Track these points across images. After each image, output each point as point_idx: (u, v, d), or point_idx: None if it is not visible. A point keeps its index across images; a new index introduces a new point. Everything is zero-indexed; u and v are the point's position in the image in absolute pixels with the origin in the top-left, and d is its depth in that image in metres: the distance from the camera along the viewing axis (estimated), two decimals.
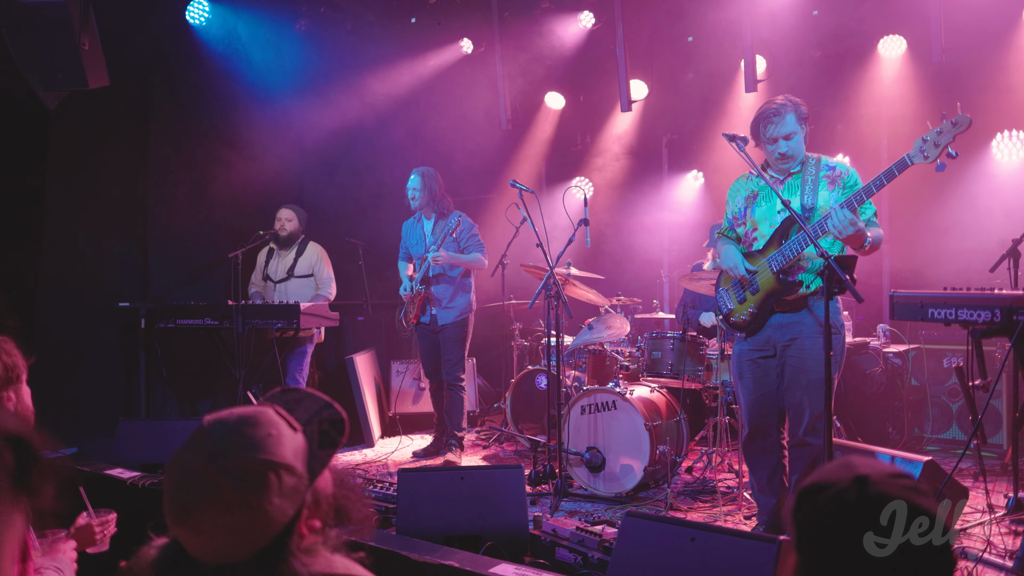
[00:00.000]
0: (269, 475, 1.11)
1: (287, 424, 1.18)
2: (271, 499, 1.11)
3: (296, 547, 1.15)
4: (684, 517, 3.80)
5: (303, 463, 1.16)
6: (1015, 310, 2.47)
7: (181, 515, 1.11)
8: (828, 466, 1.06)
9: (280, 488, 1.12)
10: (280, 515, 1.12)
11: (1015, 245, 3.82)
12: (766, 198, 3.35)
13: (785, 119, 3.21)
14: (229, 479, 1.09)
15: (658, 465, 4.16)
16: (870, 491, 0.99)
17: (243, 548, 1.11)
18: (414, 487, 3.32)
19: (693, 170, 7.02)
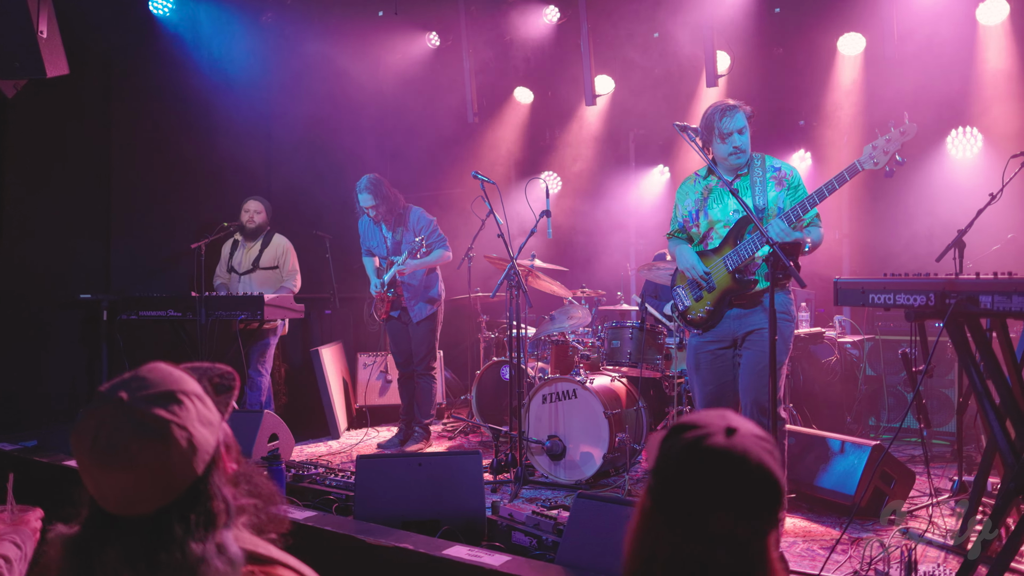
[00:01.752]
0: (184, 400, 1.15)
1: (180, 370, 1.23)
2: (193, 422, 1.14)
3: (222, 491, 1.18)
4: None
5: (210, 399, 1.22)
6: (947, 294, 2.55)
7: (106, 456, 1.10)
8: (708, 412, 1.14)
9: (198, 413, 1.16)
10: (204, 442, 1.15)
11: (960, 235, 3.93)
12: (717, 198, 3.43)
13: (739, 115, 3.34)
14: (149, 405, 1.12)
15: (618, 453, 4.22)
16: (735, 441, 1.07)
17: (171, 482, 1.12)
18: (372, 473, 3.35)
19: (659, 164, 7.11)
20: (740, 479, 1.05)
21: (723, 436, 1.07)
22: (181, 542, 1.11)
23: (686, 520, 1.06)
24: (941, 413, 5.20)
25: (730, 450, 1.06)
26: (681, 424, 1.11)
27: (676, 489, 1.07)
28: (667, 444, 1.10)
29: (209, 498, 1.16)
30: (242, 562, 1.15)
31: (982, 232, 4.27)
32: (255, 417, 4.31)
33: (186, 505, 1.14)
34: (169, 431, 1.12)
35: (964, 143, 5.83)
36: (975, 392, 2.78)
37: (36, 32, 4.40)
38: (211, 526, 1.15)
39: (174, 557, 1.10)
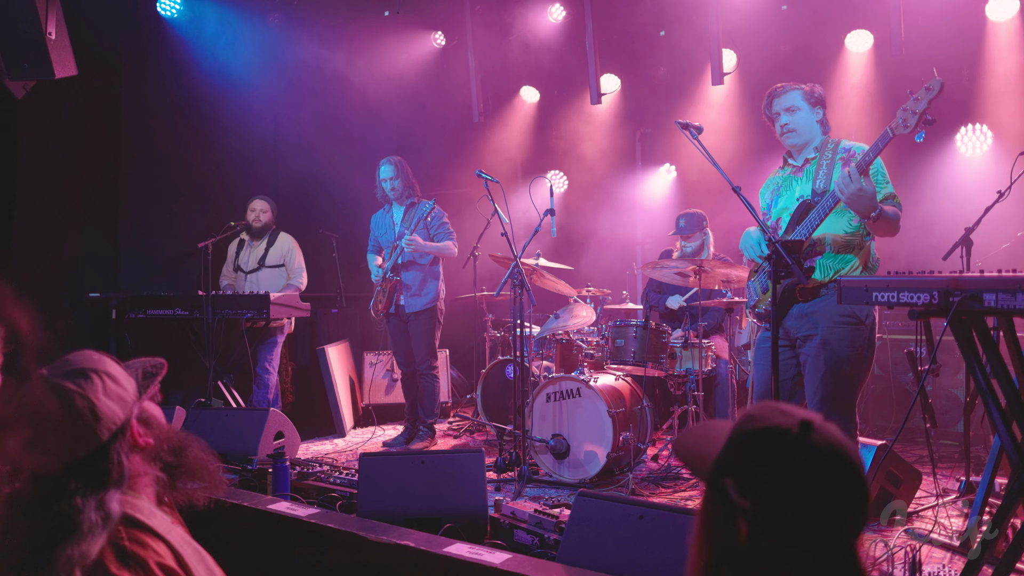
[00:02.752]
0: (93, 376, 1.36)
1: (110, 358, 1.44)
2: (98, 395, 1.35)
3: (122, 458, 1.36)
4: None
5: (128, 382, 1.42)
6: (951, 292, 2.52)
7: (21, 418, 1.31)
8: (759, 409, 1.04)
9: (105, 388, 1.36)
10: (110, 413, 1.35)
11: (967, 233, 3.90)
12: (787, 187, 3.33)
13: (788, 93, 3.22)
14: (61, 379, 1.34)
15: (622, 452, 4.21)
16: (815, 436, 0.98)
17: (72, 444, 1.32)
18: (375, 471, 3.36)
19: (666, 163, 7.08)
20: (840, 477, 0.96)
21: (809, 432, 0.98)
22: (71, 495, 1.29)
23: (782, 527, 0.96)
24: (949, 413, 5.16)
25: (838, 446, 0.97)
26: (759, 430, 1.01)
27: (790, 507, 0.96)
28: (759, 454, 1.00)
29: (106, 461, 1.35)
30: (116, 520, 1.30)
31: (991, 230, 4.23)
32: (261, 415, 4.33)
33: (85, 466, 1.33)
34: (71, 399, 1.33)
35: (973, 140, 5.78)
36: (980, 392, 2.74)
37: (45, 33, 4.45)
38: (100, 486, 1.32)
39: (62, 507, 1.28)
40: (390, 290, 5.13)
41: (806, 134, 3.24)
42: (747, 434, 1.01)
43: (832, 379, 3.07)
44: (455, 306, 6.61)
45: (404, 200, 5.19)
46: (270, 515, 3.14)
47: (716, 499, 1.02)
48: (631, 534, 2.63)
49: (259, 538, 3.16)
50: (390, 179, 5.13)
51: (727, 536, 1.00)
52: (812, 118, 3.24)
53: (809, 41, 6.04)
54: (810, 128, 3.24)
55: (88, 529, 1.26)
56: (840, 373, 3.07)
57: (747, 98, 6.27)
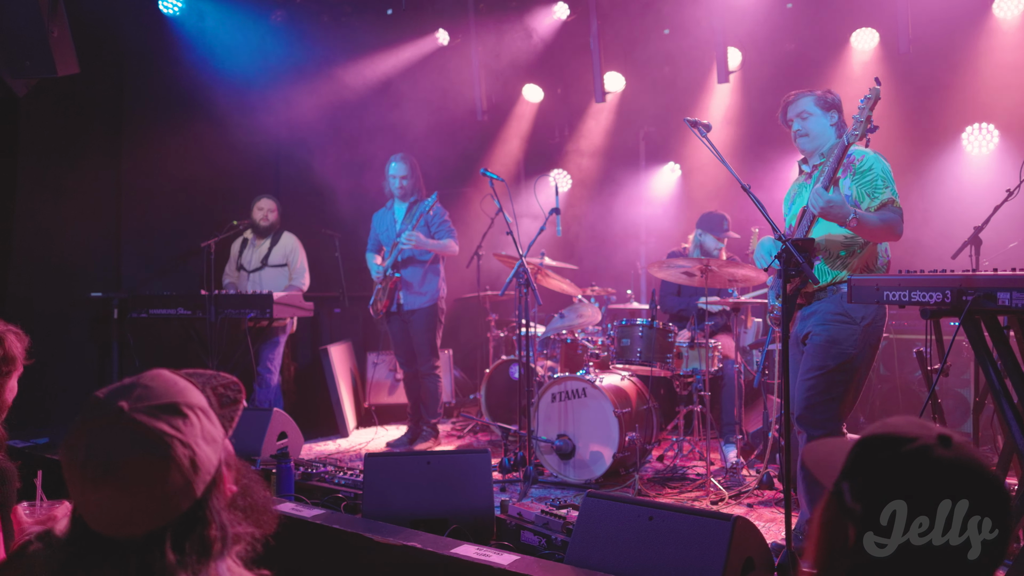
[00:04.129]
0: (189, 415, 1.07)
1: (184, 379, 1.13)
2: (197, 439, 1.06)
3: (222, 516, 1.09)
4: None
5: (213, 415, 1.12)
6: (964, 291, 2.50)
7: (101, 472, 1.00)
8: (894, 420, 1.02)
9: (202, 429, 1.07)
10: (206, 461, 1.07)
11: (976, 232, 3.87)
12: (799, 194, 3.35)
13: (800, 100, 3.24)
14: (152, 418, 1.03)
15: (627, 452, 4.19)
16: (956, 451, 0.96)
17: (168, 505, 1.04)
18: (381, 472, 3.33)
19: (670, 162, 7.05)
20: (983, 493, 0.94)
21: (946, 447, 0.95)
22: (171, 571, 1.03)
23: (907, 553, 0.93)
24: (957, 413, 5.13)
25: (967, 460, 0.94)
26: (882, 436, 0.99)
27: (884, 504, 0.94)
28: (874, 459, 0.98)
29: (206, 524, 1.07)
30: None
31: (999, 229, 4.20)
32: (264, 415, 4.30)
33: (181, 530, 1.05)
34: (172, 448, 1.02)
35: (980, 139, 5.75)
36: (992, 391, 2.72)
37: (47, 31, 4.43)
38: (205, 555, 1.06)
39: None
40: (391, 288, 5.09)
41: (818, 139, 3.24)
42: (870, 439, 1.01)
43: (818, 374, 3.08)
44: (459, 306, 6.58)
45: (408, 198, 5.17)
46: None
47: (832, 501, 1.02)
48: (641, 535, 2.61)
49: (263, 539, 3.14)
50: (400, 176, 5.11)
51: (836, 539, 1.00)
52: (825, 122, 3.23)
53: (814, 39, 6.01)
54: (823, 132, 3.24)
55: None
56: (826, 367, 3.07)
57: (753, 96, 6.24)
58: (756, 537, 2.57)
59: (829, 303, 3.13)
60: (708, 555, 2.42)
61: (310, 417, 5.50)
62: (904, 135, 5.62)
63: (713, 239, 4.94)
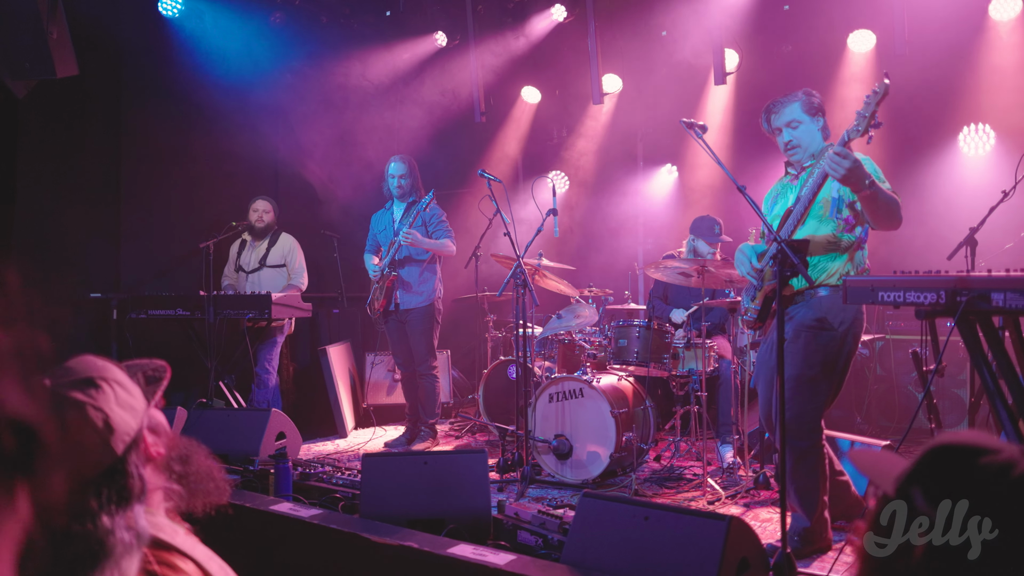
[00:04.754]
0: (103, 385, 1.23)
1: (114, 364, 1.30)
2: (111, 405, 1.22)
3: (140, 471, 1.25)
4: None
5: (135, 388, 1.29)
6: (958, 291, 2.51)
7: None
8: (964, 433, 0.98)
9: (117, 397, 1.24)
10: (123, 424, 1.23)
11: (972, 233, 3.89)
12: (783, 194, 3.33)
13: (785, 109, 3.20)
14: (68, 389, 1.20)
15: (624, 452, 4.20)
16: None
17: (87, 461, 1.19)
18: (378, 472, 3.34)
19: (667, 164, 7.07)
20: None
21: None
22: (94, 515, 1.18)
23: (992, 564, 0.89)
24: (953, 413, 5.15)
25: None
26: (963, 445, 0.95)
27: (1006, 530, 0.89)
28: (957, 468, 0.94)
29: (125, 476, 1.23)
30: (147, 539, 1.22)
31: (995, 230, 4.22)
32: (263, 415, 4.32)
33: (102, 482, 1.21)
34: (84, 411, 1.20)
35: (976, 140, 5.77)
36: (987, 392, 2.73)
37: (46, 33, 4.44)
38: (123, 502, 1.22)
39: (86, 528, 1.17)
40: (388, 287, 5.11)
41: (810, 147, 3.22)
42: (952, 446, 0.96)
43: (796, 382, 3.07)
44: (457, 306, 6.60)
45: (406, 199, 5.19)
46: (272, 516, 3.13)
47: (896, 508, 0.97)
48: (637, 535, 2.62)
49: (262, 539, 3.15)
50: (399, 176, 5.13)
51: (904, 552, 0.95)
52: (814, 128, 3.21)
53: (811, 41, 6.03)
54: (812, 139, 3.22)
55: (123, 550, 1.18)
56: (805, 376, 3.08)
57: (749, 98, 6.26)
58: (751, 537, 2.58)
59: (807, 309, 3.11)
60: (703, 555, 2.44)
61: (309, 417, 5.51)
62: (901, 136, 5.65)
63: (706, 245, 4.93)
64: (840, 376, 3.15)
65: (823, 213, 3.15)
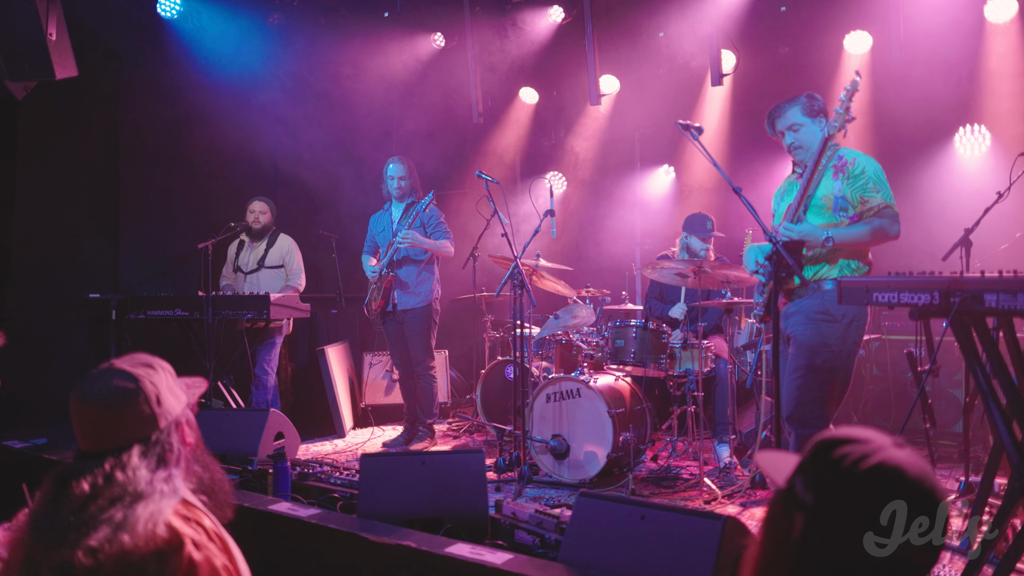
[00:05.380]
0: (159, 370, 1.53)
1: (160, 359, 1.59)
2: (162, 386, 1.50)
3: (177, 446, 1.51)
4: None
5: (181, 385, 1.58)
6: (952, 292, 2.53)
7: (88, 396, 1.46)
8: (854, 427, 1.08)
9: (167, 382, 1.52)
10: (169, 404, 1.50)
11: (967, 234, 3.91)
12: (788, 192, 3.41)
13: (787, 113, 3.30)
14: (130, 366, 1.50)
15: (621, 452, 4.22)
16: (909, 459, 1.01)
17: (137, 425, 1.45)
18: (376, 472, 3.35)
19: (664, 164, 7.09)
20: (924, 498, 0.99)
21: (896, 451, 1.00)
22: (136, 467, 1.41)
23: (854, 542, 0.99)
24: (948, 413, 5.17)
25: (910, 467, 1.00)
26: (836, 438, 1.05)
27: (848, 510, 0.99)
28: (824, 458, 1.03)
29: (166, 447, 1.48)
30: (179, 496, 1.44)
31: (990, 231, 4.24)
32: (261, 415, 4.33)
33: (146, 446, 1.45)
34: (142, 384, 1.47)
35: (972, 141, 5.79)
36: (981, 392, 2.75)
37: (45, 34, 4.45)
38: (163, 464, 1.46)
39: (127, 476, 1.39)
40: (386, 287, 5.12)
41: (812, 147, 3.29)
42: (830, 439, 1.06)
43: (804, 371, 3.14)
44: (455, 307, 6.61)
45: (405, 199, 5.21)
46: (271, 515, 3.14)
47: (784, 495, 1.07)
48: (633, 534, 2.63)
49: (260, 539, 3.16)
50: (398, 177, 5.15)
51: (784, 530, 1.05)
52: (816, 129, 3.30)
53: (808, 42, 6.05)
54: (815, 140, 3.29)
55: (159, 496, 1.39)
56: (812, 366, 3.14)
57: (746, 100, 6.28)
58: (747, 536, 2.60)
59: (811, 300, 3.19)
60: (699, 554, 2.45)
61: (307, 418, 5.52)
62: (897, 137, 5.67)
63: (698, 240, 4.99)
64: (845, 368, 3.19)
65: (826, 210, 3.21)
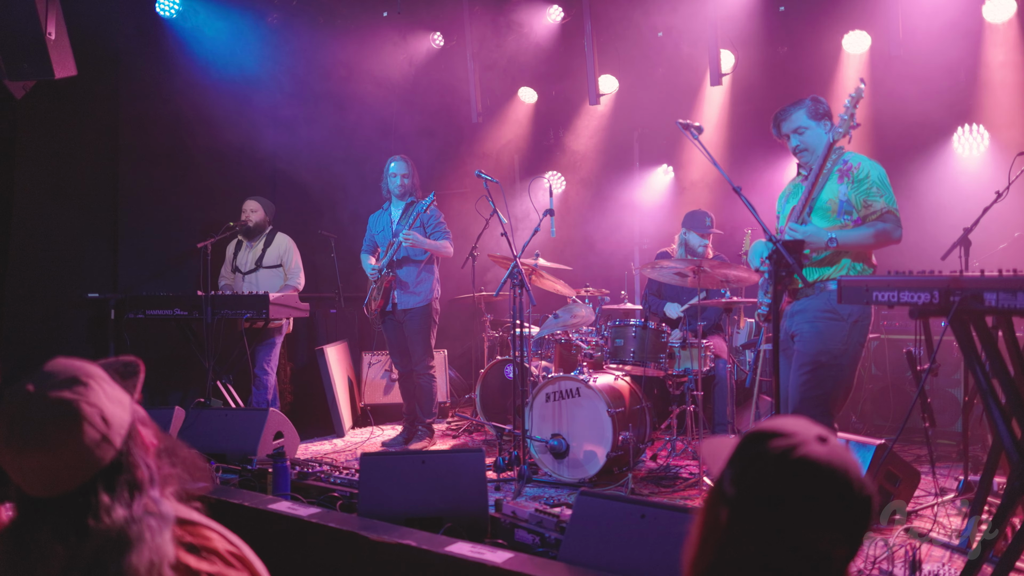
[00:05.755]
0: (90, 383, 1.22)
1: (90, 364, 1.29)
2: (102, 400, 1.22)
3: (143, 460, 1.25)
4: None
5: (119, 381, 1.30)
6: (952, 291, 2.54)
7: (23, 441, 1.16)
8: (787, 419, 1.09)
9: (104, 392, 1.23)
10: (117, 417, 1.23)
11: (966, 234, 3.92)
12: (794, 194, 3.42)
13: (792, 116, 3.31)
14: (56, 390, 1.19)
15: (621, 451, 4.22)
16: (832, 451, 1.03)
17: (90, 457, 1.18)
18: (376, 471, 3.36)
19: (664, 164, 7.10)
20: (842, 493, 1.01)
21: (818, 445, 1.02)
22: (108, 508, 1.17)
23: (774, 536, 1.01)
24: (947, 413, 5.17)
25: (829, 461, 1.01)
26: (763, 431, 1.07)
27: (766, 502, 1.01)
28: (751, 452, 1.06)
29: (132, 467, 1.23)
30: (172, 519, 1.21)
31: (989, 230, 4.25)
32: (260, 415, 4.33)
33: (110, 476, 1.20)
34: (79, 409, 1.18)
35: (971, 141, 5.80)
36: (980, 391, 2.76)
37: (44, 34, 4.45)
38: (137, 490, 1.22)
39: (103, 522, 1.15)
40: (386, 287, 5.12)
41: (818, 149, 3.30)
42: (752, 434, 1.09)
43: (810, 369, 3.15)
44: (454, 306, 6.61)
45: (406, 198, 5.22)
46: (271, 515, 3.14)
47: (715, 488, 1.10)
48: (633, 533, 2.64)
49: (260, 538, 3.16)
50: (400, 175, 5.16)
51: (712, 523, 1.08)
52: (821, 131, 3.31)
53: (807, 42, 6.06)
54: (820, 143, 3.30)
55: (151, 534, 1.17)
56: (817, 364, 3.15)
57: (745, 99, 6.29)
58: None
59: (817, 300, 3.21)
60: None
61: (306, 417, 5.52)
62: (896, 137, 5.67)
63: (697, 236, 5.03)
64: (849, 368, 3.20)
65: (830, 213, 3.24)
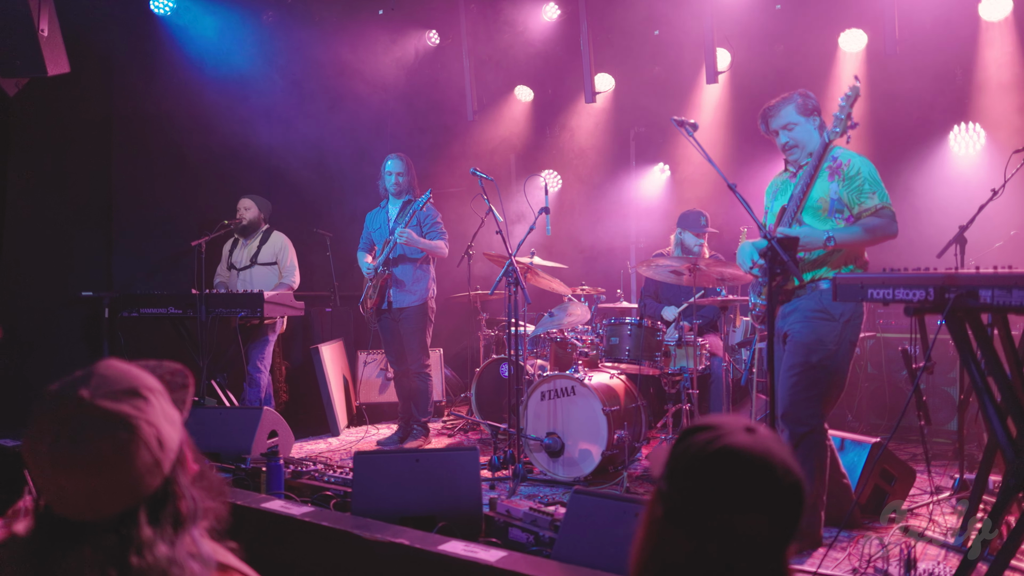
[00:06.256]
0: (149, 397, 1.10)
1: (145, 371, 1.17)
2: (159, 419, 1.09)
3: (188, 489, 1.13)
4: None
5: (168, 394, 1.17)
6: (947, 288, 2.53)
7: (70, 458, 1.04)
8: (723, 415, 1.12)
9: (162, 409, 1.11)
10: (170, 439, 1.11)
11: (961, 231, 3.91)
12: (782, 191, 3.39)
13: (781, 112, 3.28)
14: (115, 401, 1.06)
15: (616, 450, 4.21)
16: (756, 440, 1.04)
17: (140, 482, 1.07)
18: (370, 469, 3.34)
19: (660, 162, 7.09)
20: (763, 479, 1.02)
21: (743, 435, 1.03)
22: (151, 543, 1.06)
23: (703, 526, 1.02)
24: (943, 411, 5.18)
25: (751, 449, 1.02)
26: (693, 427, 1.09)
27: (692, 493, 1.03)
28: (680, 447, 1.07)
29: (177, 498, 1.11)
30: (214, 564, 1.10)
31: (984, 228, 4.25)
32: (255, 414, 4.31)
33: (154, 505, 1.08)
34: (138, 428, 1.06)
35: (967, 139, 5.80)
36: (975, 389, 2.75)
37: (37, 31, 4.42)
38: (180, 526, 1.10)
39: (146, 560, 1.04)
40: (381, 285, 5.11)
41: (808, 146, 3.28)
42: (685, 431, 1.12)
43: (800, 368, 3.14)
44: (449, 305, 6.60)
45: (402, 196, 5.21)
46: (264, 514, 3.12)
47: (655, 488, 1.12)
48: (628, 532, 2.61)
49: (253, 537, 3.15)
50: (396, 173, 5.15)
51: (652, 519, 1.11)
52: (810, 127, 3.28)
53: (803, 40, 6.05)
54: (810, 138, 3.29)
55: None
56: (808, 363, 3.13)
57: (741, 97, 6.28)
58: None
59: (809, 300, 3.19)
60: None
61: (301, 416, 5.50)
62: (892, 135, 5.67)
63: (692, 236, 5.02)
64: (841, 368, 3.18)
65: (821, 212, 3.21)
